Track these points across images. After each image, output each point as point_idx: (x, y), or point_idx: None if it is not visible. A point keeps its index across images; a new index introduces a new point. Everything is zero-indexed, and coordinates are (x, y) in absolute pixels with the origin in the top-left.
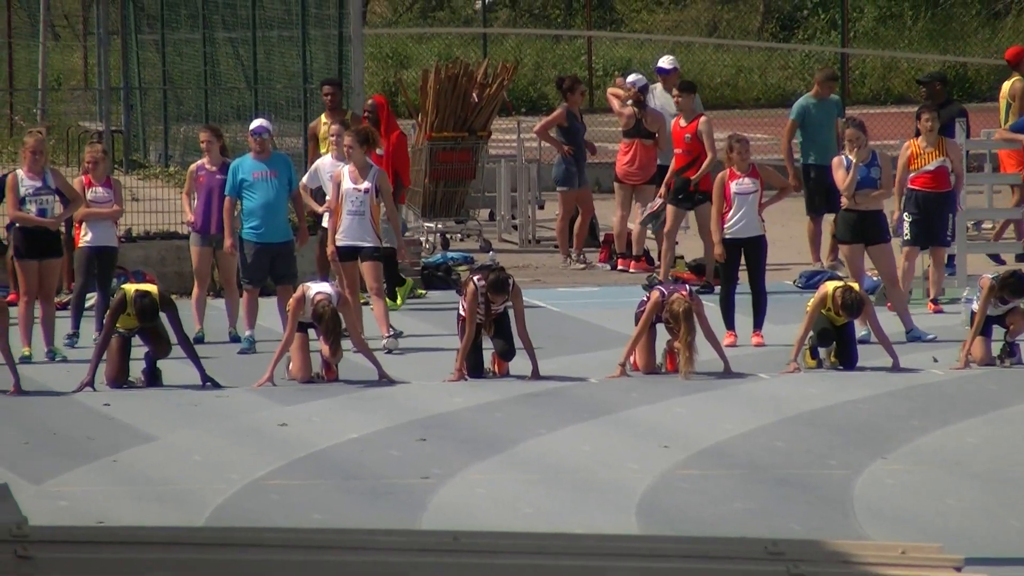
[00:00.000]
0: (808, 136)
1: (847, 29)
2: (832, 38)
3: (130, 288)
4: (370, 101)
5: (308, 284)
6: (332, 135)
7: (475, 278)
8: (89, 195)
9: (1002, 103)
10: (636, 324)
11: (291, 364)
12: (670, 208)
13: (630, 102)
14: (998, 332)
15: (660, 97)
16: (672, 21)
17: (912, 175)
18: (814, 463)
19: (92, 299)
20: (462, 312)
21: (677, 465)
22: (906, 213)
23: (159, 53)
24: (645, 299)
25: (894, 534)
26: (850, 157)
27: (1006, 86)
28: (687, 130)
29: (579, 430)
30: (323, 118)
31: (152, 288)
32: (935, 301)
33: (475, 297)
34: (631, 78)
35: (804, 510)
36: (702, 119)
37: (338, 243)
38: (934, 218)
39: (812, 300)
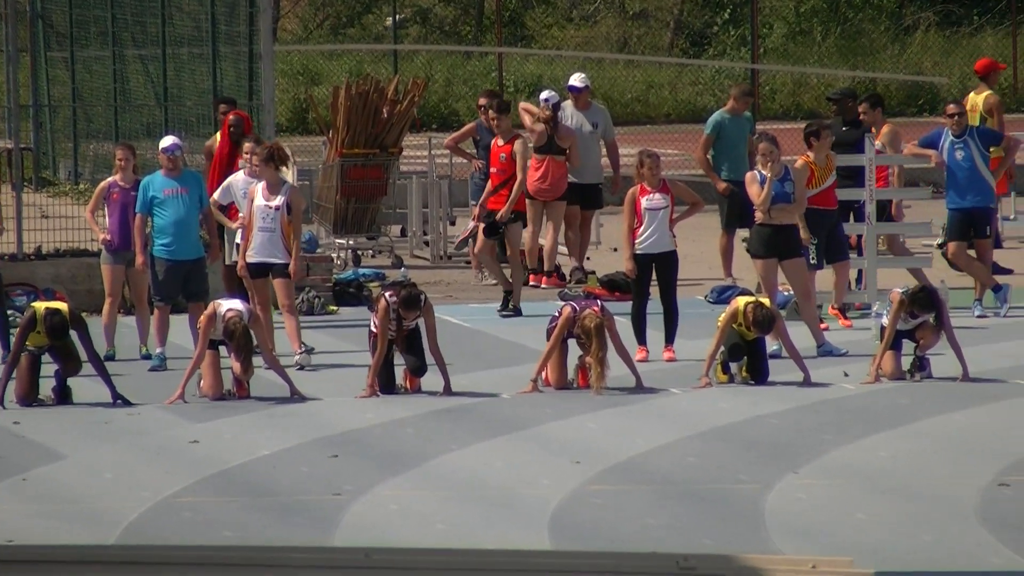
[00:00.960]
0: (722, 151)
1: (757, 45)
2: (742, 54)
3: (40, 306)
4: (233, 116)
5: (219, 301)
6: (245, 152)
7: (387, 294)
8: None
9: (974, 117)
10: (548, 339)
11: (202, 381)
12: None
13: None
14: (908, 347)
15: (572, 114)
16: (582, 37)
17: (810, 194)
18: (726, 478)
19: None
20: (373, 328)
21: (589, 481)
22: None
23: (69, 71)
24: (557, 314)
25: (805, 548)
26: (764, 172)
27: (977, 99)
28: (503, 150)
29: (491, 446)
30: (218, 136)
31: (62, 306)
32: (843, 311)
33: (387, 313)
34: (544, 95)
35: (716, 525)
36: (518, 141)
37: (249, 260)
38: (831, 235)
39: (723, 315)
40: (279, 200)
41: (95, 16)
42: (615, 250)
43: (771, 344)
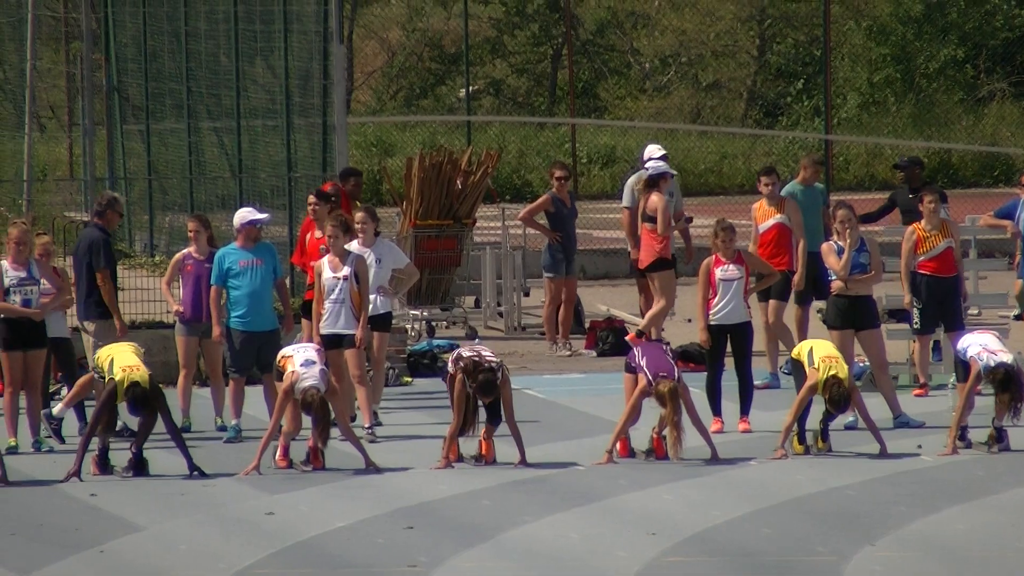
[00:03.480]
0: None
1: (830, 116)
2: (816, 125)
3: (121, 377)
4: (331, 187)
5: (295, 371)
6: (358, 223)
7: (466, 378)
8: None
9: None
10: (624, 374)
11: (284, 424)
12: None
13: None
14: (985, 419)
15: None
16: (655, 108)
17: (920, 259)
18: (802, 550)
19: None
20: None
21: (665, 552)
22: (914, 300)
23: (144, 143)
24: (634, 353)
25: None
26: (840, 243)
27: None
28: (322, 242)
29: (566, 517)
30: (356, 203)
31: (143, 377)
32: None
33: (463, 388)
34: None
35: None
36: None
37: (322, 332)
38: (946, 303)
39: (803, 391)
40: (346, 271)
41: (170, 89)
42: (689, 321)
43: (848, 415)
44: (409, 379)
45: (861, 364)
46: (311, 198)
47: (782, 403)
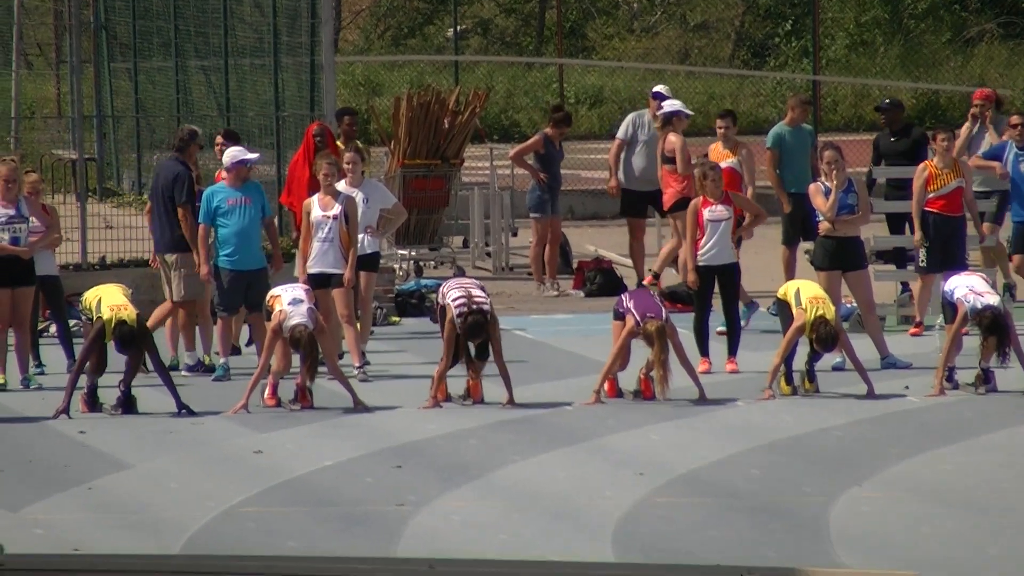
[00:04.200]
0: (784, 164)
1: (819, 57)
2: (804, 66)
3: (108, 315)
4: (316, 127)
5: (283, 309)
6: (347, 163)
7: (456, 317)
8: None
9: None
10: (613, 321)
11: (273, 363)
12: None
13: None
14: (972, 360)
15: (648, 122)
16: (643, 48)
17: (930, 196)
18: (789, 490)
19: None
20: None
21: (652, 493)
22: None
23: (132, 81)
24: (620, 300)
25: (869, 562)
26: (827, 184)
27: None
28: None
29: (554, 457)
30: (339, 144)
31: (130, 315)
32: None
33: (453, 328)
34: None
35: (779, 538)
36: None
37: (310, 271)
38: (950, 242)
39: (791, 331)
40: (336, 210)
41: (158, 27)
42: (675, 262)
43: (835, 356)
44: (397, 319)
45: (848, 305)
46: (218, 137)
47: (769, 344)
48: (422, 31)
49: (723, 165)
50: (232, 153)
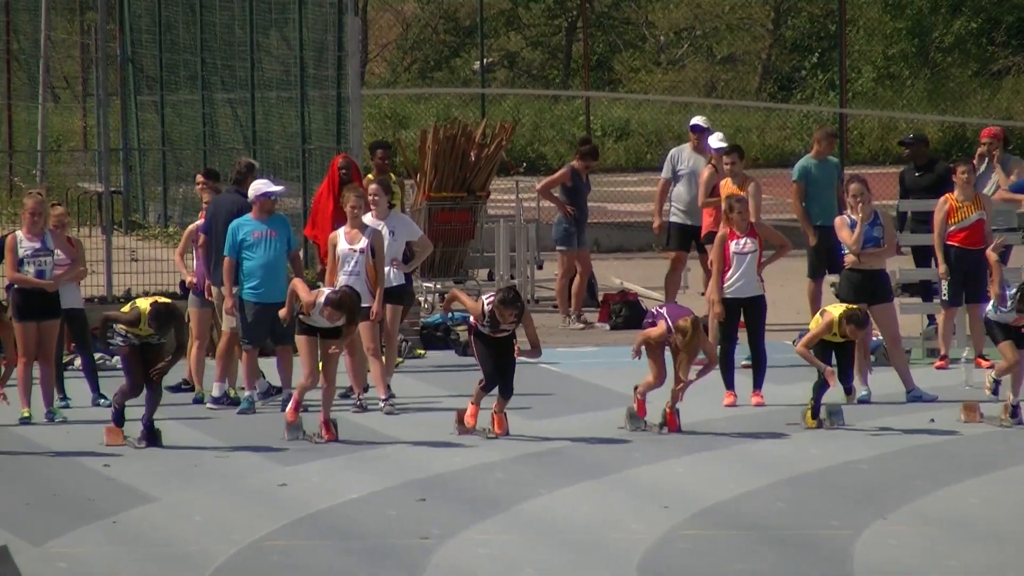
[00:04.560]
0: (809, 197)
1: (845, 89)
2: (830, 98)
3: (143, 303)
4: (342, 160)
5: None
6: (372, 195)
7: (485, 299)
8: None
9: None
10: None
11: (303, 377)
12: None
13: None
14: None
15: (688, 156)
16: (670, 81)
17: (951, 229)
18: (815, 523)
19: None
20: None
21: (678, 525)
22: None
23: (158, 114)
24: (649, 320)
25: None
26: (853, 217)
27: None
28: None
29: (580, 490)
30: (370, 177)
31: (165, 299)
32: (983, 357)
33: (482, 316)
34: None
35: (804, 571)
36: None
37: None
38: (973, 275)
39: (818, 325)
40: (363, 243)
41: (184, 60)
42: (702, 294)
43: (860, 390)
44: (422, 352)
45: (875, 338)
46: (199, 176)
47: (795, 377)
48: (449, 64)
49: None
50: (256, 186)
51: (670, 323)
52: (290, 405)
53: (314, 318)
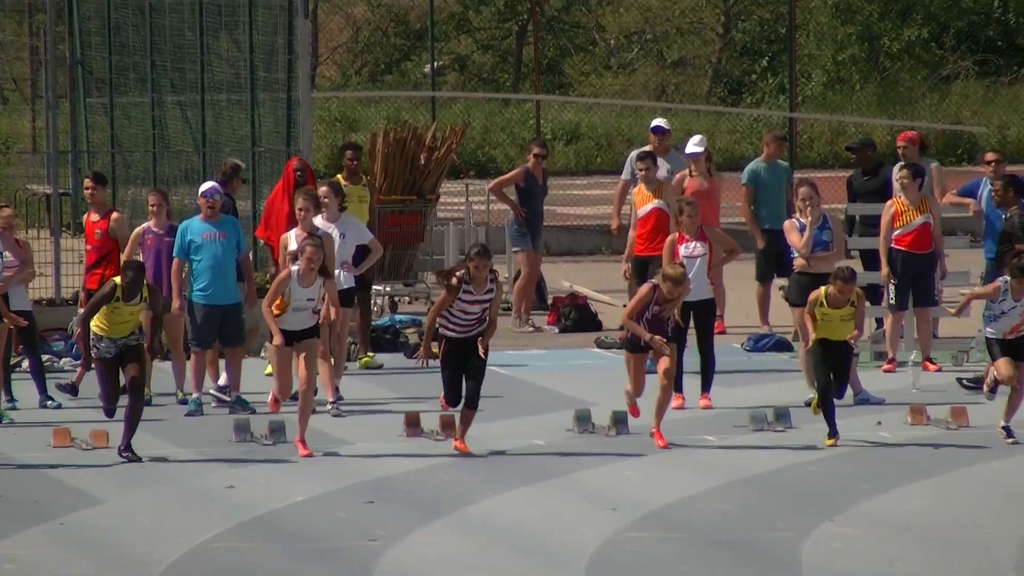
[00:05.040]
0: (759, 200)
1: (795, 93)
2: (780, 102)
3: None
4: (297, 162)
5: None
6: (322, 197)
7: (458, 272)
8: None
9: None
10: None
11: (273, 387)
12: None
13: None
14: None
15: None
16: (620, 85)
17: (896, 233)
18: (762, 526)
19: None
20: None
21: (625, 528)
22: (890, 275)
23: (107, 117)
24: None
25: None
26: (802, 220)
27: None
28: (99, 225)
29: (527, 493)
30: (341, 179)
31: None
32: (930, 360)
33: (456, 292)
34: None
35: (752, 573)
36: (115, 215)
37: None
38: (919, 279)
39: (804, 312)
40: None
41: (134, 63)
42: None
43: (808, 392)
44: (371, 355)
45: None
46: (87, 181)
47: (743, 380)
48: (399, 67)
49: (650, 207)
50: (204, 187)
51: (656, 283)
52: (270, 396)
53: (287, 316)
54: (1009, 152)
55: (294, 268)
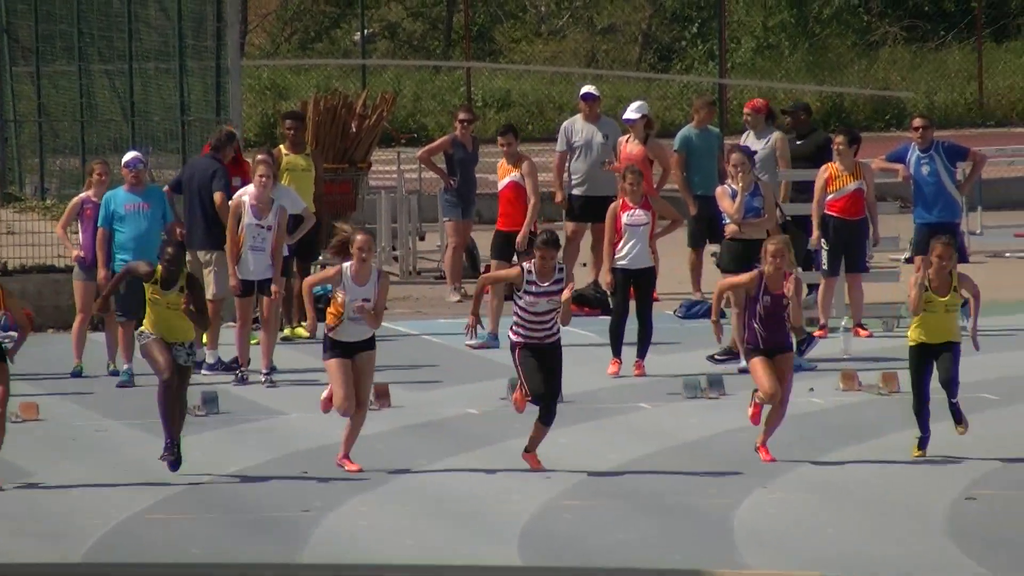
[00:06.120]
0: (690, 167)
1: (725, 60)
2: (710, 69)
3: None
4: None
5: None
6: (259, 163)
7: (523, 265)
8: None
9: None
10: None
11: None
12: None
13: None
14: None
15: (582, 128)
16: (551, 52)
17: (829, 198)
18: (696, 492)
19: None
20: (512, 336)
21: (560, 495)
22: (822, 240)
23: (34, 86)
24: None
25: (775, 562)
26: (734, 186)
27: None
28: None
29: (461, 461)
30: (283, 149)
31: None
32: (861, 326)
33: (518, 279)
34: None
35: (687, 540)
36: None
37: (241, 276)
38: (851, 245)
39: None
40: (271, 220)
41: (61, 31)
42: (584, 265)
43: (742, 361)
44: (304, 325)
45: None
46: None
47: (676, 348)
48: (329, 35)
49: (508, 179)
50: (125, 158)
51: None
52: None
53: (343, 327)
54: (936, 117)
55: (346, 265)
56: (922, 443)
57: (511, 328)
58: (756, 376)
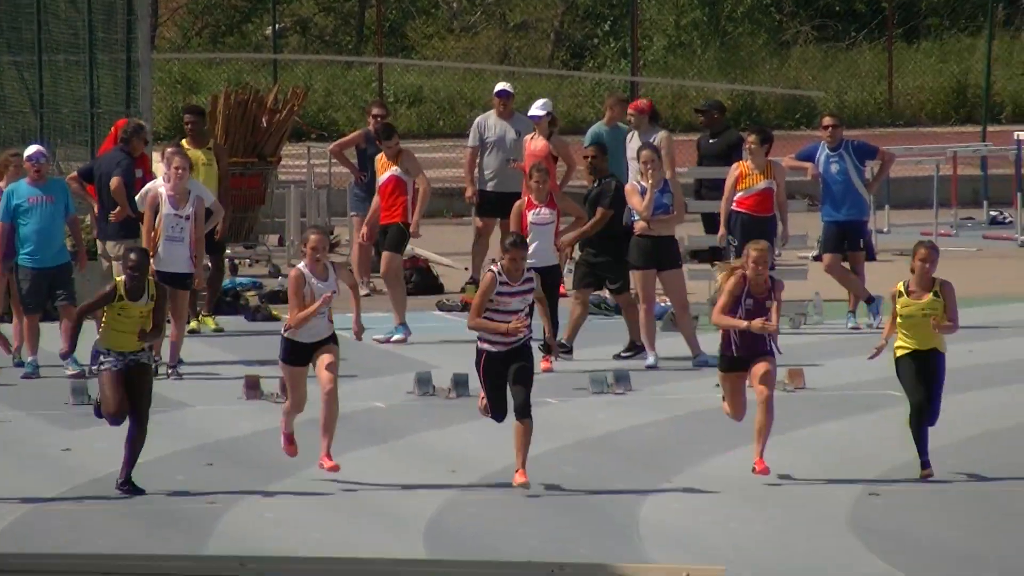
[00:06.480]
0: None
1: (637, 58)
2: (622, 67)
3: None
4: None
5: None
6: (169, 156)
7: (491, 268)
8: None
9: None
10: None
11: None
12: None
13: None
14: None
15: (495, 124)
16: (463, 48)
17: (739, 196)
18: (601, 487)
19: None
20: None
21: (466, 489)
22: (730, 237)
23: None
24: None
25: (680, 557)
26: (643, 183)
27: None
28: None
29: (367, 455)
30: (185, 143)
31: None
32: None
33: (492, 285)
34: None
35: (591, 534)
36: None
37: (159, 269)
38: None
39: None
40: (189, 210)
41: None
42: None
43: (649, 357)
44: (212, 317)
45: (662, 304)
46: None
47: (584, 343)
48: (240, 29)
49: (388, 173)
50: (27, 151)
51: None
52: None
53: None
54: (846, 116)
55: (301, 266)
56: (924, 464)
57: (479, 336)
58: (725, 395)
